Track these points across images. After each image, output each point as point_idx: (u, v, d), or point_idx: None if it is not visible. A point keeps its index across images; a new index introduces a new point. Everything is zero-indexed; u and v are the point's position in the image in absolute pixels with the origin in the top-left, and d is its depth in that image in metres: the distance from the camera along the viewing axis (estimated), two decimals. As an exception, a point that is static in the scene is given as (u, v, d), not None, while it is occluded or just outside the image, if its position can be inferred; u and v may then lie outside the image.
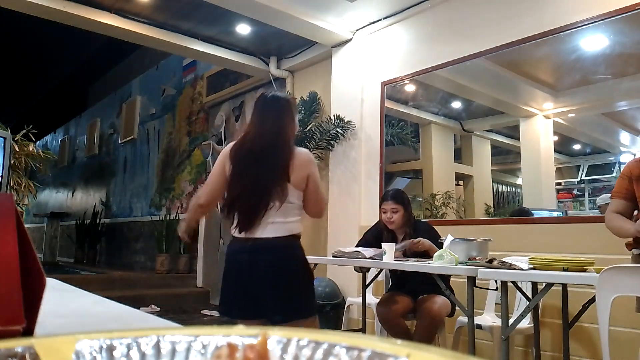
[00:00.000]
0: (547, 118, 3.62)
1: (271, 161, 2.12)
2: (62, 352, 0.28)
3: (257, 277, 2.11)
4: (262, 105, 2.22)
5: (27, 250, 0.42)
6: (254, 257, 2.12)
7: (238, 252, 2.17)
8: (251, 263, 2.12)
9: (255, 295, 2.11)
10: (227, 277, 2.22)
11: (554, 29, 3.28)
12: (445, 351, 0.26)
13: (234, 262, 2.19)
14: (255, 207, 2.09)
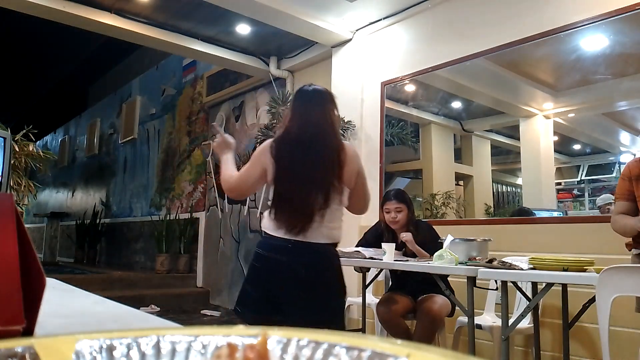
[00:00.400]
0: (547, 118, 3.62)
1: (324, 154, 1.98)
2: (62, 352, 0.28)
3: (292, 283, 1.95)
4: (304, 97, 2.11)
5: (27, 250, 0.42)
6: (294, 260, 1.94)
7: (276, 252, 1.97)
8: (290, 266, 1.94)
9: (286, 301, 1.96)
10: (255, 277, 2.03)
11: (554, 29, 3.28)
12: (445, 351, 0.26)
13: (269, 263, 1.99)
14: (309, 204, 1.94)
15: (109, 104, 10.47)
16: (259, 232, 5.91)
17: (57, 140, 13.25)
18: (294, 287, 1.94)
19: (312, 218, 1.94)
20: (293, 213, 1.95)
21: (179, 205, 7.63)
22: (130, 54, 9.87)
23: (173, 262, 7.08)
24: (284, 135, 2.04)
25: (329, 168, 1.96)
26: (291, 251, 1.94)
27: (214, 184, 6.85)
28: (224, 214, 6.61)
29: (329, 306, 2.02)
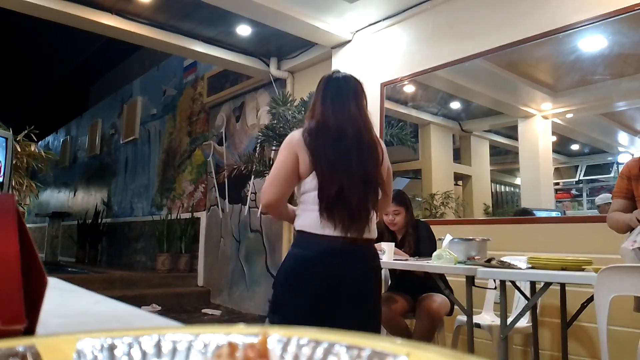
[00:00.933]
0: (545, 118, 3.62)
1: (371, 149, 1.87)
2: (63, 351, 0.28)
3: (346, 288, 1.78)
4: (337, 87, 1.98)
5: (29, 250, 0.42)
6: (348, 261, 1.77)
7: (326, 254, 1.77)
8: (343, 269, 1.77)
9: (337, 314, 1.78)
10: (299, 285, 1.79)
11: (552, 29, 3.28)
12: (444, 350, 0.26)
13: (316, 267, 1.77)
14: (367, 201, 1.82)
15: (110, 104, 10.47)
16: (259, 231, 5.92)
17: (58, 141, 13.24)
18: (349, 293, 1.78)
19: (369, 215, 1.82)
20: (349, 209, 1.77)
21: (179, 205, 7.63)
22: (131, 54, 9.87)
23: (174, 261, 7.08)
24: (318, 126, 1.86)
25: (377, 164, 1.88)
26: (343, 251, 1.76)
27: (214, 184, 6.86)
28: (224, 214, 6.61)
29: (377, 314, 1.91)
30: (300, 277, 1.80)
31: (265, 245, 5.86)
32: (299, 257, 1.82)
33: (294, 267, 1.82)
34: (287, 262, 1.85)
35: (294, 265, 1.82)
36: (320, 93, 2.01)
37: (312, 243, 1.80)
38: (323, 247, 1.77)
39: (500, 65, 3.76)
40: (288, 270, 1.84)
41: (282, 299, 1.84)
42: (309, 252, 1.80)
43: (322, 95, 1.99)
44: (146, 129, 8.82)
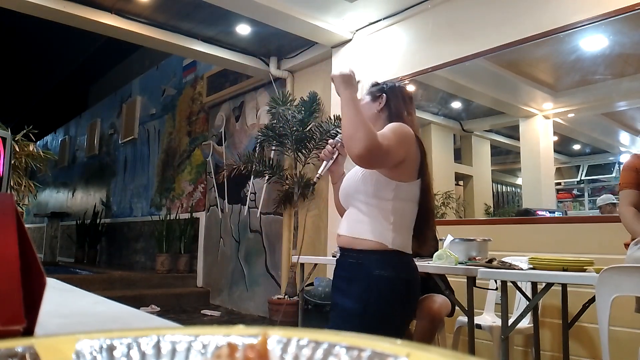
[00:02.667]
0: (546, 118, 3.62)
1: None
2: (62, 352, 0.28)
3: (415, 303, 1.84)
4: (410, 97, 1.95)
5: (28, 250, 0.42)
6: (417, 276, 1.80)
7: (414, 271, 1.78)
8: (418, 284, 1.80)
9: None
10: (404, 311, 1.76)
11: (553, 29, 3.28)
12: (445, 351, 0.26)
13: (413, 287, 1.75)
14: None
15: (109, 104, 10.48)
16: (258, 232, 5.92)
17: (57, 141, 13.25)
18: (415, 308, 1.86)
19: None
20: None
21: (179, 205, 7.63)
22: (130, 54, 9.88)
23: (173, 262, 7.09)
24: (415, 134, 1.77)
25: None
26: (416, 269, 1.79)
27: (214, 184, 6.86)
28: (224, 214, 6.62)
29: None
30: (406, 305, 1.74)
31: (264, 245, 5.86)
32: (409, 283, 1.72)
33: (404, 294, 1.71)
34: (396, 289, 1.69)
35: (404, 292, 1.71)
36: (403, 101, 1.90)
37: (411, 267, 1.76)
38: (413, 269, 1.77)
39: (500, 65, 3.76)
40: (398, 297, 1.70)
41: (392, 330, 1.72)
42: (410, 277, 1.73)
43: (410, 106, 1.91)
44: (145, 129, 8.82)
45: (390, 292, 1.67)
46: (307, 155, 4.89)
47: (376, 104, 1.91)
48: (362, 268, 1.69)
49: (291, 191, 5.03)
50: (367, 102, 1.93)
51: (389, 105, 1.89)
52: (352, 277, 1.72)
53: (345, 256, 1.78)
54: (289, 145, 4.86)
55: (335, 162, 2.01)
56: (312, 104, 5.07)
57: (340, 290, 1.76)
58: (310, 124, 4.91)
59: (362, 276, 1.69)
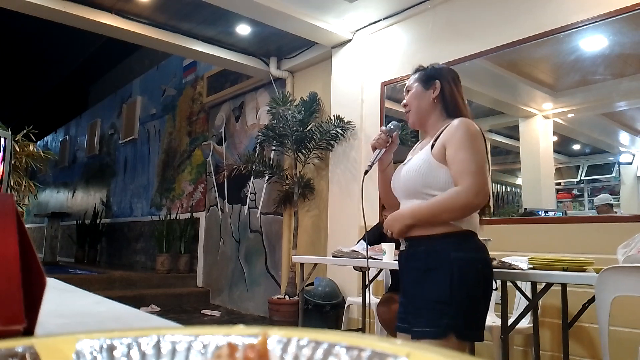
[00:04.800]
0: (546, 118, 3.62)
1: None
2: (62, 352, 0.28)
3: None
4: (459, 79, 1.91)
5: (28, 250, 0.42)
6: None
7: (487, 251, 1.79)
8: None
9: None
10: (489, 293, 1.75)
11: (553, 29, 3.28)
12: (444, 351, 0.26)
13: (490, 263, 1.77)
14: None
15: (110, 104, 10.48)
16: (258, 232, 5.92)
17: (57, 141, 13.25)
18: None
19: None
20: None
21: (179, 205, 7.63)
22: (130, 54, 9.88)
23: (173, 262, 7.09)
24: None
25: None
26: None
27: (214, 184, 6.86)
28: (224, 214, 6.62)
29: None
30: (489, 284, 1.74)
31: (265, 245, 5.86)
32: (487, 262, 1.73)
33: (486, 273, 1.72)
34: (478, 270, 1.68)
35: (486, 272, 1.72)
36: (458, 84, 1.88)
37: (484, 246, 1.76)
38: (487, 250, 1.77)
39: (500, 65, 3.76)
40: (481, 278, 1.69)
41: (481, 311, 1.71)
42: (487, 256, 1.74)
43: (461, 90, 1.89)
44: (146, 129, 8.82)
45: (474, 274, 1.67)
46: (307, 155, 4.89)
47: (429, 92, 1.84)
48: (438, 254, 1.67)
49: (291, 191, 5.03)
50: (419, 90, 1.87)
51: (444, 93, 1.83)
52: (428, 266, 1.68)
53: (415, 246, 1.75)
54: (289, 145, 4.86)
55: (387, 150, 1.94)
56: (312, 104, 5.07)
57: (417, 283, 1.71)
58: (310, 124, 4.91)
59: (441, 262, 1.66)
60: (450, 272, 1.64)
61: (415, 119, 1.89)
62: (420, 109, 1.86)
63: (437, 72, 1.89)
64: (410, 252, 1.77)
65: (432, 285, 1.66)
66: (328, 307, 4.28)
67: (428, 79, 1.87)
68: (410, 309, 1.73)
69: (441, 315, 1.62)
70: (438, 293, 1.64)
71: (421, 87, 1.87)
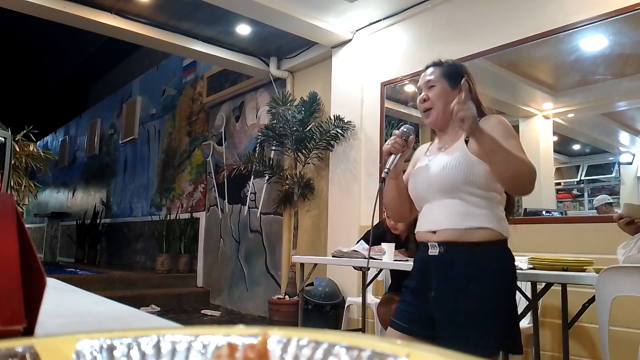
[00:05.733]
0: (546, 118, 3.62)
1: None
2: (62, 352, 0.28)
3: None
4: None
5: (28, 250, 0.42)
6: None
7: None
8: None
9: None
10: (514, 297, 1.68)
11: (553, 29, 3.28)
12: (444, 351, 0.26)
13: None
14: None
15: (110, 104, 10.48)
16: (258, 232, 5.92)
17: (57, 141, 13.25)
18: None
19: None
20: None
21: (179, 205, 7.63)
22: (130, 54, 9.88)
23: (173, 262, 7.09)
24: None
25: None
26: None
27: (214, 184, 6.86)
28: (224, 214, 6.62)
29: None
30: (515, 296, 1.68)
31: (265, 245, 5.86)
32: (514, 274, 1.70)
33: (514, 283, 1.69)
34: (515, 280, 1.68)
35: (514, 282, 1.69)
36: (475, 82, 1.81)
37: (512, 254, 1.70)
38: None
39: (500, 65, 3.76)
40: (515, 289, 1.70)
41: (518, 322, 1.69)
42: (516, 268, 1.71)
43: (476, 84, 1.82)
44: (145, 129, 8.82)
45: (513, 286, 1.65)
46: (307, 155, 4.89)
47: (456, 92, 1.71)
48: (479, 265, 1.60)
49: (291, 191, 5.03)
50: (446, 89, 1.76)
51: (470, 91, 1.72)
52: (469, 277, 1.60)
53: (452, 252, 1.63)
54: (289, 145, 4.86)
55: (402, 155, 1.77)
56: (312, 104, 5.07)
57: (456, 293, 1.61)
58: (310, 124, 4.91)
59: (483, 274, 1.60)
60: (493, 285, 1.59)
61: (439, 119, 1.77)
62: (443, 110, 1.75)
63: (462, 69, 1.81)
64: (447, 258, 1.64)
65: (474, 298, 1.58)
66: (328, 307, 4.28)
67: (454, 77, 1.77)
68: (450, 321, 1.62)
69: (490, 333, 1.57)
70: (484, 306, 1.58)
71: (447, 86, 1.77)
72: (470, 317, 1.57)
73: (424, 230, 1.73)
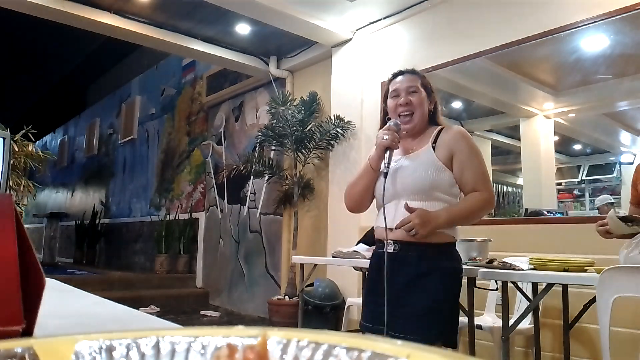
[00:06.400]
0: (547, 118, 3.62)
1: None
2: (61, 352, 0.28)
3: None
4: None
5: (27, 251, 0.42)
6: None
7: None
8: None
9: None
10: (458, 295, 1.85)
11: (554, 29, 3.28)
12: (445, 352, 0.26)
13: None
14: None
15: (109, 104, 10.48)
16: (258, 232, 5.92)
17: (56, 141, 13.25)
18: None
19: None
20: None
21: (178, 205, 7.63)
22: (129, 54, 9.87)
23: (172, 262, 7.08)
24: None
25: None
26: None
27: (213, 184, 6.86)
28: (223, 215, 6.61)
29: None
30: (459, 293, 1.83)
31: (264, 246, 5.86)
32: (462, 272, 1.85)
33: (460, 282, 1.82)
34: (460, 280, 1.82)
35: (460, 281, 1.82)
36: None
37: (460, 256, 1.88)
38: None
39: (501, 64, 3.76)
40: (460, 288, 1.82)
41: (457, 317, 1.81)
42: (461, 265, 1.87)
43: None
44: (145, 129, 8.83)
45: (458, 284, 1.79)
46: (307, 155, 4.89)
47: (428, 102, 1.91)
48: (430, 262, 1.74)
49: (291, 191, 5.03)
50: (425, 97, 1.91)
51: (436, 105, 1.95)
52: (420, 271, 1.73)
53: (406, 250, 1.75)
54: (289, 145, 4.86)
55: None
56: (312, 104, 5.07)
57: (407, 288, 1.73)
58: (310, 124, 4.91)
59: (432, 270, 1.73)
60: (441, 281, 1.73)
61: (418, 124, 1.88)
62: (423, 117, 1.89)
63: (430, 84, 1.96)
64: (401, 256, 1.76)
65: (422, 293, 1.71)
66: (328, 308, 4.28)
67: (427, 89, 1.93)
68: (399, 314, 1.72)
69: (432, 324, 1.71)
70: (430, 301, 1.70)
71: (425, 94, 1.91)
72: (418, 307, 1.70)
73: (383, 227, 1.79)
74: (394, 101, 1.92)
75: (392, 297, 1.72)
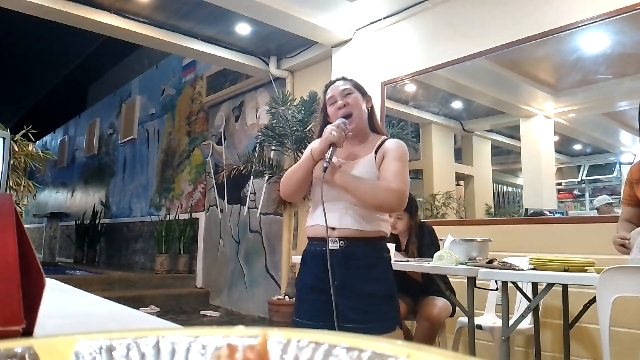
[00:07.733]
0: (547, 118, 3.62)
1: None
2: (61, 352, 0.28)
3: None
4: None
5: (27, 251, 0.42)
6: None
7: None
8: None
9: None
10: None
11: (554, 28, 3.28)
12: (445, 352, 0.26)
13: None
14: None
15: (109, 104, 10.48)
16: (258, 232, 5.92)
17: (56, 141, 13.25)
18: None
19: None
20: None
21: (178, 205, 7.63)
22: (129, 53, 9.87)
23: (173, 262, 7.08)
24: None
25: None
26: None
27: (213, 184, 6.86)
28: (223, 214, 6.61)
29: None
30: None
31: (264, 246, 5.86)
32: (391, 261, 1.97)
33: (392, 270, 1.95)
34: (391, 267, 1.93)
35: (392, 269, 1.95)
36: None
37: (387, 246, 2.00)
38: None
39: (501, 64, 3.76)
40: (393, 275, 1.93)
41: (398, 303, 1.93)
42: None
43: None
44: (145, 129, 8.82)
45: (392, 271, 1.92)
46: (307, 156, 4.88)
47: (364, 102, 2.01)
48: (374, 253, 1.86)
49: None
50: (360, 98, 2.01)
51: (373, 109, 2.06)
52: (368, 262, 1.84)
53: (352, 245, 1.82)
54: (289, 145, 4.86)
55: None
56: (312, 104, 5.06)
57: (360, 280, 1.81)
58: (310, 123, 4.90)
59: (378, 260, 1.86)
60: (386, 270, 1.87)
61: (357, 125, 1.94)
62: (361, 117, 1.97)
63: (362, 86, 2.07)
64: (347, 251, 1.81)
65: (376, 282, 1.82)
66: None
67: (361, 90, 2.04)
68: (358, 305, 1.78)
69: (390, 309, 1.84)
70: (384, 288, 1.83)
71: (360, 95, 2.01)
72: (376, 296, 1.80)
73: (322, 225, 1.80)
74: (332, 107, 2.00)
75: (346, 290, 1.77)
